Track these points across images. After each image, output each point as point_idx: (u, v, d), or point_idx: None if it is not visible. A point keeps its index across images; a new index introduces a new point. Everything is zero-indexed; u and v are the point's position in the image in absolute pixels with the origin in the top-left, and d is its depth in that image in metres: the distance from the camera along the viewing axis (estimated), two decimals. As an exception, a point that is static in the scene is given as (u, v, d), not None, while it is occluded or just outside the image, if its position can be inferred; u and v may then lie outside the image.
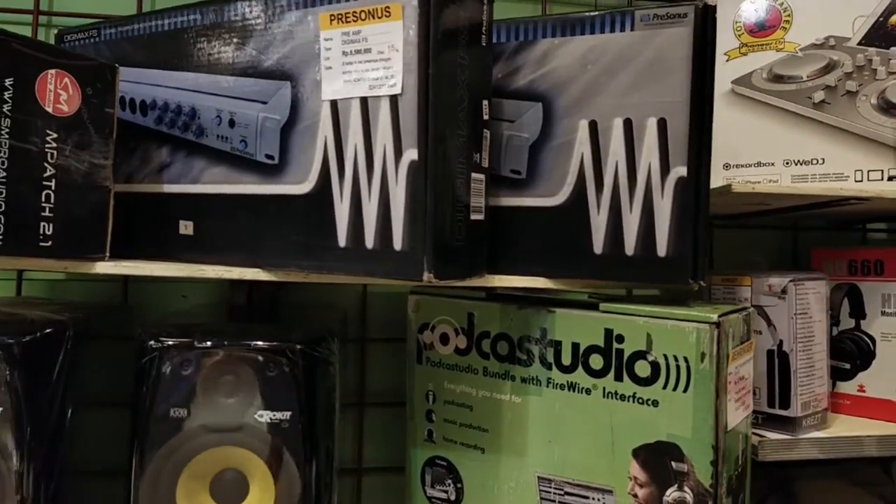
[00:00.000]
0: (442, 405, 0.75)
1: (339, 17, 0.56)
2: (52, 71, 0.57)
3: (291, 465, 0.62)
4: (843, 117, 0.79)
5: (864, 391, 0.81)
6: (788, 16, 0.82)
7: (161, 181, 0.68)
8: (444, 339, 0.75)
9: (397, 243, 0.55)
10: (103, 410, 0.75)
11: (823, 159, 0.80)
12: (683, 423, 0.60)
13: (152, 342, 0.61)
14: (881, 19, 0.78)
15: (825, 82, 0.80)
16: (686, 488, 0.60)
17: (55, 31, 0.76)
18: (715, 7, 0.60)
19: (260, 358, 0.62)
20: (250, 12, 0.62)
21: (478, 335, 0.73)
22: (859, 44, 0.78)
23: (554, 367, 0.67)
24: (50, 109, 0.57)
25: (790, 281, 0.72)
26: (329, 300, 0.90)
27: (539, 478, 0.68)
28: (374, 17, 0.55)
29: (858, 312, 0.82)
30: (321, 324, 0.69)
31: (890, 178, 0.77)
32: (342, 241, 0.58)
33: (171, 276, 0.62)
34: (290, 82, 0.60)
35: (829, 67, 0.80)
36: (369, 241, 0.56)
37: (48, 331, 0.61)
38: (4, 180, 0.54)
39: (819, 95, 0.80)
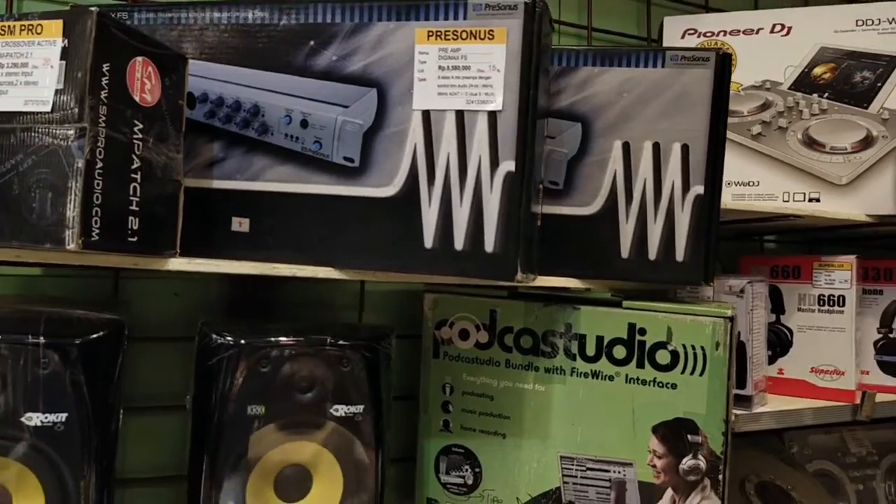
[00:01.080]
0: (460, 396, 0.81)
1: (438, 34, 0.60)
2: (140, 58, 0.55)
3: (363, 457, 0.64)
4: (775, 148, 0.96)
5: (782, 373, 0.99)
6: (733, 60, 0.98)
7: (210, 176, 0.66)
8: (464, 335, 0.81)
9: (489, 246, 0.60)
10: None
11: (758, 182, 0.96)
12: (699, 401, 0.71)
13: (226, 339, 0.61)
14: (806, 70, 0.95)
15: (762, 118, 0.96)
16: (700, 456, 0.71)
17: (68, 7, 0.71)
18: (731, 55, 0.71)
19: (334, 353, 0.63)
20: (332, 18, 0.63)
21: (500, 330, 0.79)
22: (789, 88, 0.96)
23: (578, 358, 0.76)
24: (137, 99, 0.55)
25: (748, 283, 0.87)
26: (321, 298, 0.91)
27: (561, 457, 0.76)
28: (476, 38, 0.59)
29: (779, 309, 0.99)
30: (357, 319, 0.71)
31: (810, 200, 0.95)
32: (428, 242, 0.62)
33: (242, 273, 0.62)
34: (376, 89, 0.62)
35: (765, 106, 0.96)
36: (459, 243, 0.61)
37: (108, 330, 0.58)
38: (101, 171, 0.51)
39: (756, 129, 0.96)
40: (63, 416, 0.55)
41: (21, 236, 0.51)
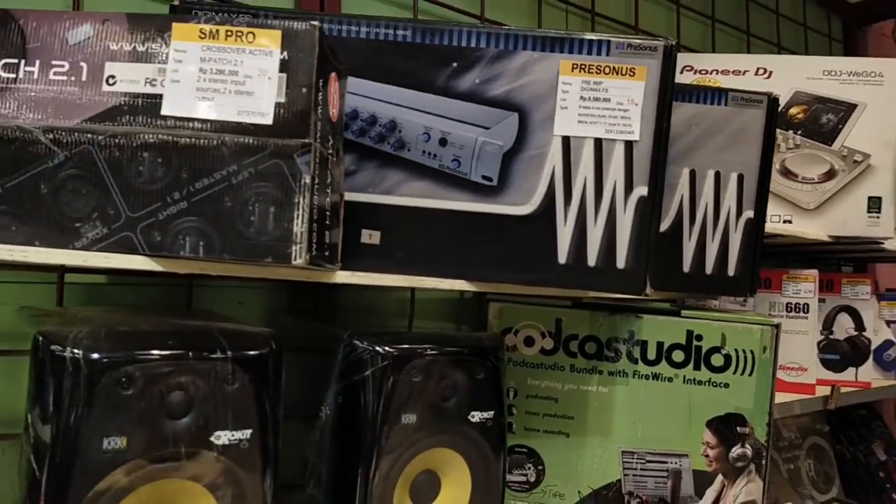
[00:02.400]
0: (524, 399, 0.86)
1: (582, 67, 0.66)
2: (333, 73, 0.55)
3: (491, 461, 0.68)
4: (757, 175, 1.10)
5: (755, 370, 1.13)
6: (725, 96, 1.11)
7: (340, 188, 0.67)
8: (529, 342, 0.86)
9: (620, 262, 0.66)
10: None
11: (743, 204, 1.10)
12: (748, 398, 0.82)
13: (378, 351, 0.62)
14: (784, 109, 1.11)
15: (747, 149, 1.10)
16: (747, 445, 0.82)
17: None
18: (778, 98, 0.83)
19: (470, 361, 0.66)
20: (476, 43, 0.66)
21: (566, 337, 0.85)
22: (770, 125, 1.11)
23: (640, 362, 0.84)
24: (331, 114, 0.55)
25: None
26: (372, 305, 0.92)
27: (623, 452, 0.84)
28: (618, 74, 0.65)
29: (753, 314, 1.14)
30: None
31: (784, 221, 1.10)
32: (562, 258, 0.67)
33: (386, 285, 0.63)
34: (517, 114, 0.66)
35: (750, 138, 1.11)
36: (591, 260, 0.67)
37: (275, 343, 0.57)
38: (317, 187, 0.51)
39: (743, 157, 1.10)
40: (248, 433, 0.54)
41: (235, 251, 0.50)
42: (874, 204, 1.09)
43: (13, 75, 0.51)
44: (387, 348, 0.62)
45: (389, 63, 0.66)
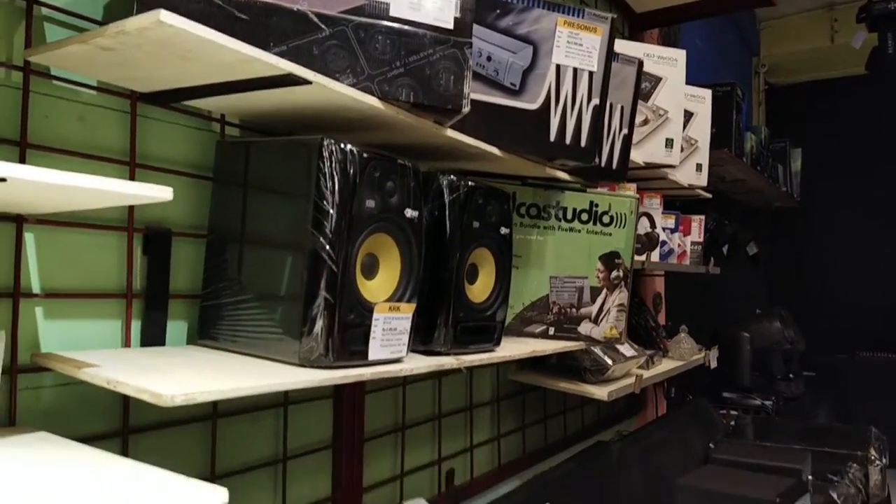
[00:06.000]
0: (490, 244, 1.29)
1: (570, 24, 1.10)
2: (463, 5, 0.93)
3: (505, 261, 1.10)
4: (605, 118, 1.65)
5: (597, 250, 1.69)
6: (589, 62, 1.64)
7: (427, 81, 1.03)
8: (495, 206, 1.29)
9: (583, 143, 1.13)
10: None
11: (596, 136, 1.65)
12: (622, 242, 1.35)
13: (461, 183, 1.01)
14: (622, 75, 1.67)
15: (600, 99, 1.65)
16: (620, 270, 1.35)
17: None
18: (643, 62, 1.36)
19: (502, 196, 1.08)
20: (511, 0, 1.07)
21: (517, 204, 1.30)
22: (614, 84, 1.66)
23: (562, 220, 1.32)
24: (462, 28, 0.93)
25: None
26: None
27: (551, 277, 1.32)
28: (587, 30, 1.11)
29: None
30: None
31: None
32: (552, 138, 1.11)
33: (468, 143, 1.02)
34: (532, 46, 1.09)
35: (602, 92, 1.65)
36: (568, 140, 1.12)
37: (420, 167, 0.93)
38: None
39: (597, 105, 1.64)
40: (417, 213, 0.90)
41: (431, 99, 0.86)
42: (669, 143, 1.71)
43: (293, -23, 0.81)
44: (465, 182, 1.01)
45: (460, 4, 1.04)
